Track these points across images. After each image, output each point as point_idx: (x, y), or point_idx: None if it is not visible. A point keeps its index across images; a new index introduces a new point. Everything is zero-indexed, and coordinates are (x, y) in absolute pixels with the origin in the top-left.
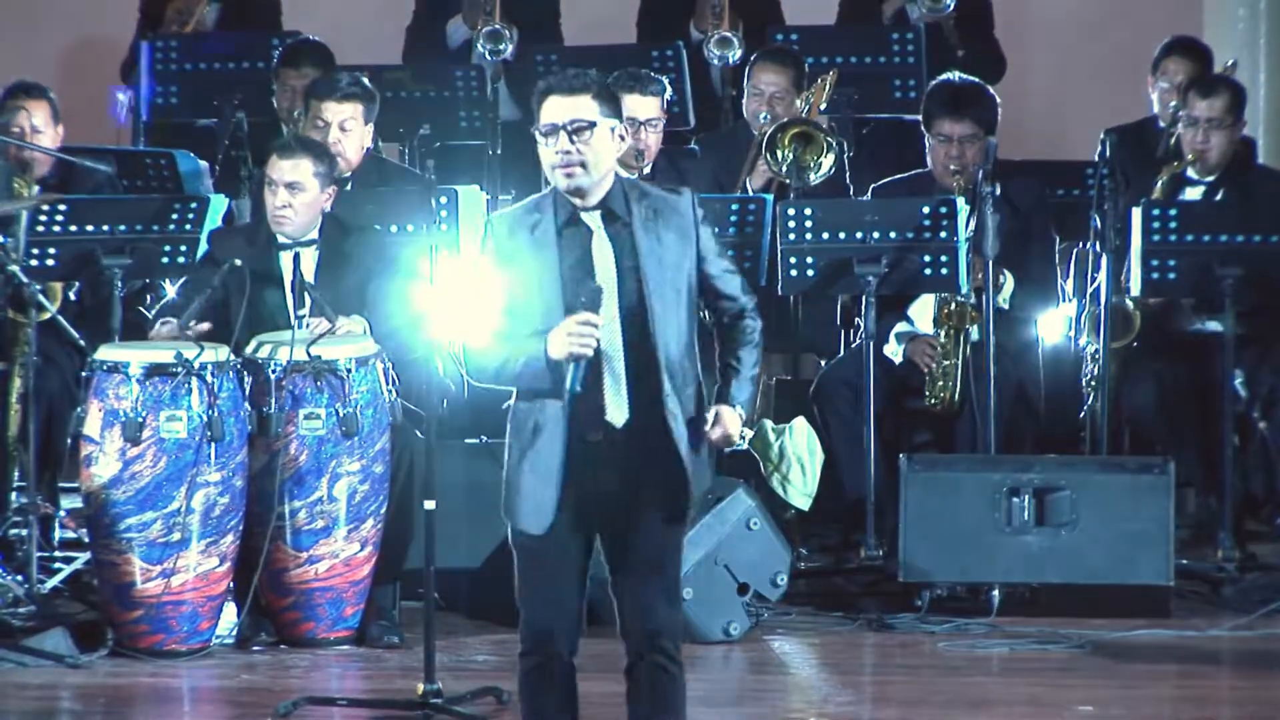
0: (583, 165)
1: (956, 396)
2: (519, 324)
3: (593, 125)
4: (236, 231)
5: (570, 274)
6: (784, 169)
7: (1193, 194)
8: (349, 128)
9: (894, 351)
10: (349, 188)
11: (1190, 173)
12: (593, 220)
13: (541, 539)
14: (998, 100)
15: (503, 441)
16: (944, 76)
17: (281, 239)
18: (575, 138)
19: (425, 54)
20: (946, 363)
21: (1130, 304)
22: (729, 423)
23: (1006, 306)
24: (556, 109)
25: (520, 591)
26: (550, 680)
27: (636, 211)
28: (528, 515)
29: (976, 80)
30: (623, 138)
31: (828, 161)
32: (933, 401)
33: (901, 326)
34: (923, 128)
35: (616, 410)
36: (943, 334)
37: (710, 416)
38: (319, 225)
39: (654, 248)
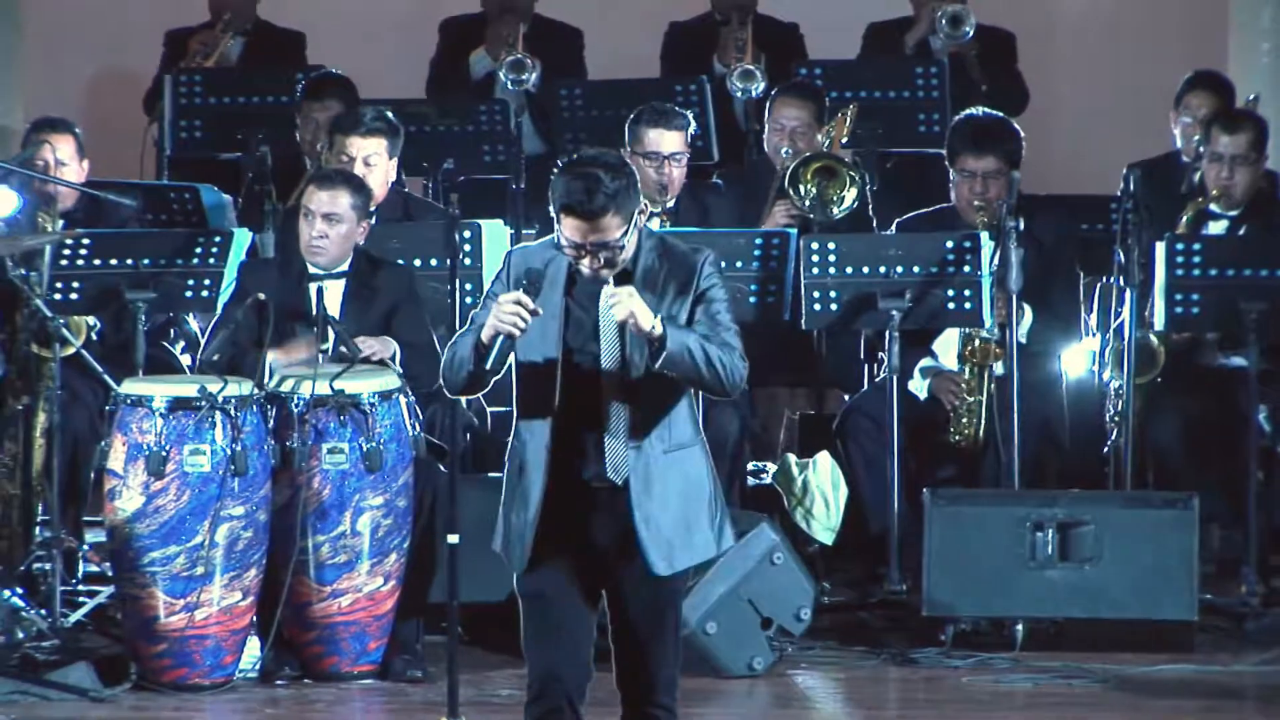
0: (610, 265)
1: (981, 433)
2: (518, 354)
3: (619, 245)
4: (269, 263)
5: (572, 316)
6: (807, 204)
7: (1216, 228)
8: (373, 163)
9: (919, 387)
10: (373, 221)
11: (1214, 207)
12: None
13: (541, 585)
14: (1021, 135)
15: None
16: (968, 112)
17: (313, 270)
18: (601, 254)
19: (449, 87)
20: (971, 399)
21: (1154, 339)
22: (629, 300)
23: (1025, 341)
24: (577, 230)
25: (525, 638)
26: None
27: (644, 265)
28: (513, 553)
29: (1000, 115)
30: (643, 212)
31: (850, 195)
32: (957, 439)
33: (926, 362)
34: (946, 163)
35: (603, 463)
36: (967, 370)
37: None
38: (351, 258)
39: (652, 304)
